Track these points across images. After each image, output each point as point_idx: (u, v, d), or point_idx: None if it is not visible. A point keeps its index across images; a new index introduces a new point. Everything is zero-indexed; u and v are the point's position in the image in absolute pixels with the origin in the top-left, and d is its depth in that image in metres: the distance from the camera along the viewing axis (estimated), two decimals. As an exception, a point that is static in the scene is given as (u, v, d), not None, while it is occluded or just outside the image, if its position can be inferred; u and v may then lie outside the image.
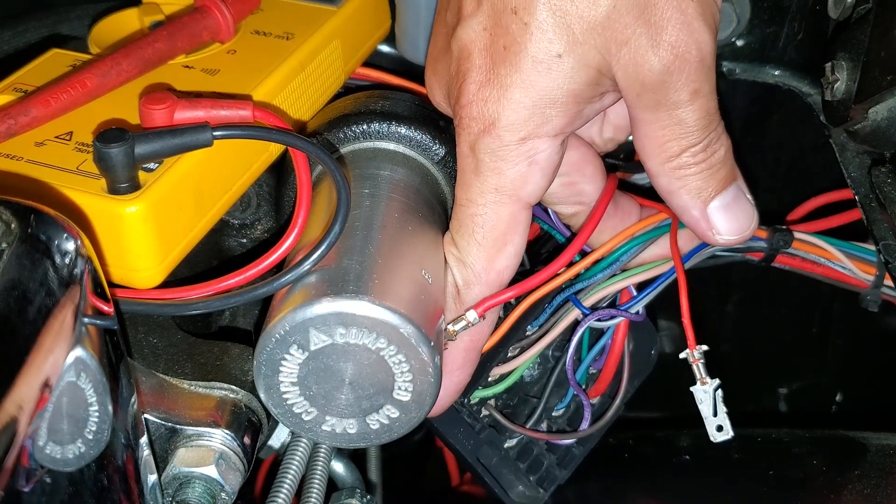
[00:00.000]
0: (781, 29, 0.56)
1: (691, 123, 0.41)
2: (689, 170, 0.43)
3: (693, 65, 0.40)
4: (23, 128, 0.42)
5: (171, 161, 0.40)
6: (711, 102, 0.42)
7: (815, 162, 0.62)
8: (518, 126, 0.42)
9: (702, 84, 0.41)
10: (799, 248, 0.50)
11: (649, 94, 0.41)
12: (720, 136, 0.43)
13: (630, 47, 0.40)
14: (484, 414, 0.48)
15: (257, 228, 0.54)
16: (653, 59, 0.40)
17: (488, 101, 0.42)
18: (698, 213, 0.44)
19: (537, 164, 0.42)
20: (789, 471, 0.52)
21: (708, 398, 0.47)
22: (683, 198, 0.44)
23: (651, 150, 0.43)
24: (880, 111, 0.47)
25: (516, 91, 0.41)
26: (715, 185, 0.43)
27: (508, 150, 0.42)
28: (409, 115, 0.48)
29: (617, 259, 0.48)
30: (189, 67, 0.47)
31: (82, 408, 0.31)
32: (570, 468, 0.51)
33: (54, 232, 0.31)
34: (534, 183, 0.43)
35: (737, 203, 0.44)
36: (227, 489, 0.40)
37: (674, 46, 0.40)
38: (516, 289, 0.45)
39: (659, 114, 0.41)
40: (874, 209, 0.49)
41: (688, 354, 0.47)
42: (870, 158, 0.50)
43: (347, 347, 0.39)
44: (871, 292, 0.51)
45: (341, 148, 0.48)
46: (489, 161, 0.43)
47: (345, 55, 0.52)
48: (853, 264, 0.50)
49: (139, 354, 0.43)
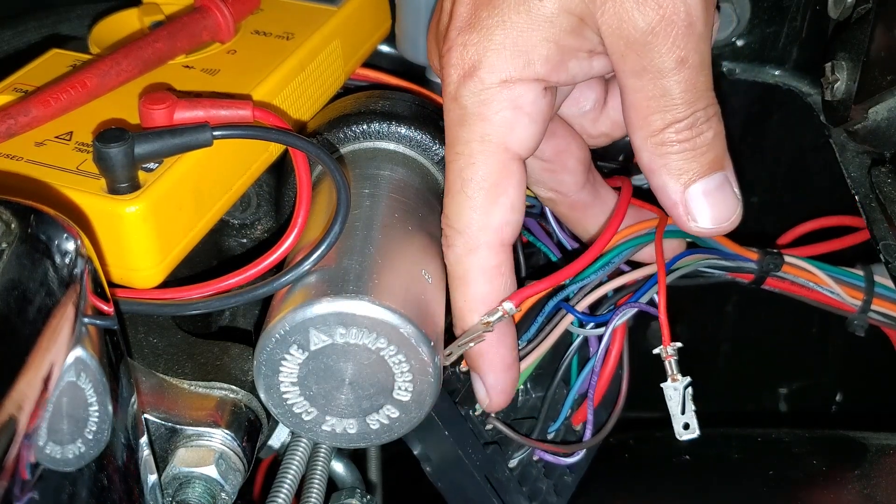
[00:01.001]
0: (781, 29, 0.56)
1: (676, 96, 0.40)
2: (671, 147, 0.41)
3: (680, 28, 0.39)
4: (23, 128, 0.42)
5: (170, 161, 0.40)
6: (700, 76, 0.40)
7: (815, 162, 0.62)
8: (499, 67, 0.40)
9: (689, 52, 0.39)
10: (788, 271, 0.50)
11: (633, 55, 0.39)
12: (710, 117, 0.41)
13: (614, 1, 0.39)
14: (487, 428, 0.47)
15: (257, 228, 0.54)
16: (636, 16, 0.39)
17: (468, 45, 0.41)
18: (676, 195, 0.42)
19: (522, 109, 0.41)
20: (789, 471, 0.52)
21: (678, 395, 0.47)
22: (663, 177, 0.41)
23: (635, 121, 0.41)
24: (880, 111, 0.47)
25: (497, 32, 0.40)
26: (698, 168, 0.41)
27: (491, 93, 0.41)
28: (409, 115, 0.48)
29: (609, 262, 0.48)
30: (189, 67, 0.47)
31: (82, 408, 0.31)
32: (564, 496, 0.50)
33: (54, 232, 0.31)
34: (521, 129, 0.41)
35: (720, 192, 0.42)
36: (227, 489, 0.40)
37: (660, 6, 0.38)
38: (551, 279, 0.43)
39: (643, 81, 0.40)
40: (874, 209, 0.49)
41: (661, 350, 0.47)
42: (870, 158, 0.50)
43: (347, 347, 0.39)
44: (858, 317, 0.51)
45: (341, 148, 0.48)
46: (472, 107, 0.41)
47: (345, 55, 0.52)
48: (841, 289, 0.50)
49: (139, 354, 0.43)
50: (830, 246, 0.53)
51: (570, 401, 0.49)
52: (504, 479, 0.47)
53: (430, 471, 0.46)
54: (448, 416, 0.44)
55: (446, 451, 0.45)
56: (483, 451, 0.46)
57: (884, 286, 0.51)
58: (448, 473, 0.45)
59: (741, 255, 0.49)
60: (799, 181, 0.64)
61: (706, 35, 0.40)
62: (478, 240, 0.42)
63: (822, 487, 0.50)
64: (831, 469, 0.52)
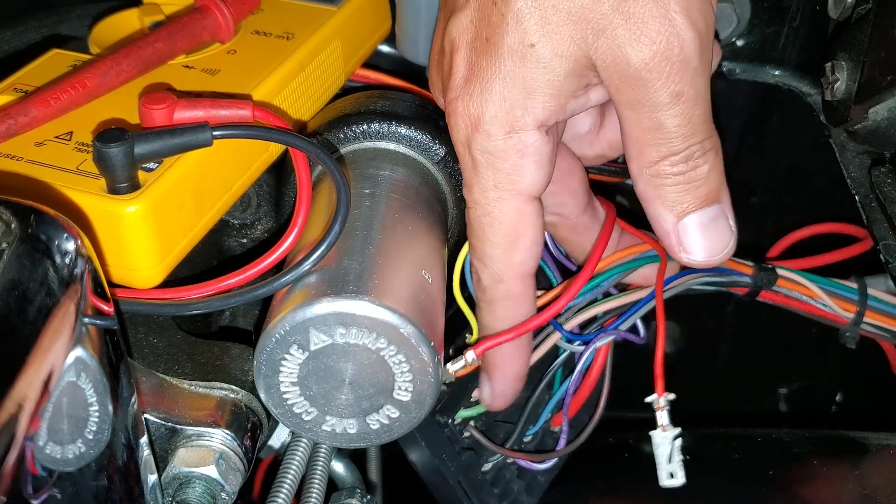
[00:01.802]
0: (781, 29, 0.56)
1: (671, 129, 0.40)
2: (666, 179, 0.41)
3: (675, 64, 0.39)
4: (23, 128, 0.42)
5: (170, 161, 0.40)
6: (697, 110, 0.40)
7: (815, 162, 0.62)
8: (501, 119, 0.41)
9: (685, 87, 0.39)
10: (782, 285, 0.51)
11: (628, 89, 0.40)
12: (707, 151, 0.41)
13: (607, 37, 0.39)
14: (465, 435, 0.49)
15: (257, 228, 0.54)
16: (630, 52, 0.39)
17: (472, 96, 0.42)
18: (670, 226, 0.42)
19: (528, 155, 0.42)
20: (789, 471, 0.52)
21: (666, 444, 0.48)
22: (658, 207, 0.42)
23: (632, 151, 0.42)
24: (880, 111, 0.47)
25: (496, 83, 0.41)
26: (692, 200, 0.42)
27: (497, 145, 0.42)
28: (410, 115, 0.48)
29: (598, 285, 0.48)
30: (189, 67, 0.47)
31: (82, 408, 0.31)
32: (536, 495, 0.51)
33: (54, 232, 0.31)
34: (530, 174, 0.42)
35: (714, 225, 0.42)
36: (227, 489, 0.40)
37: (653, 41, 0.38)
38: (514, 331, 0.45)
39: (639, 114, 0.40)
40: (874, 209, 0.49)
41: (654, 400, 0.48)
42: (870, 158, 0.50)
43: (347, 347, 0.39)
44: (851, 329, 0.52)
45: (341, 148, 0.48)
46: (482, 159, 0.43)
47: (345, 55, 0.52)
48: (833, 302, 0.51)
49: (139, 354, 0.43)
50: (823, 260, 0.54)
51: (551, 407, 0.50)
52: (478, 481, 0.48)
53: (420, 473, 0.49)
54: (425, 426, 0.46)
55: (425, 457, 0.47)
56: (458, 457, 0.48)
57: (877, 298, 0.51)
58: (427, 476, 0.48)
59: (736, 271, 0.50)
60: (799, 181, 0.64)
61: (703, 69, 0.40)
62: (503, 274, 0.44)
63: (822, 487, 0.50)
64: (831, 469, 0.52)
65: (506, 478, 0.50)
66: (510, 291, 0.45)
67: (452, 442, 0.47)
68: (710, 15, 0.40)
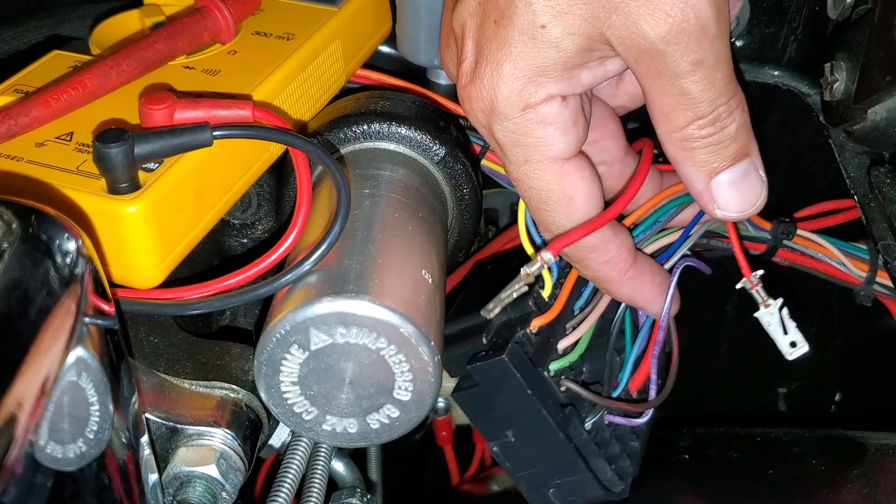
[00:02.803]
0: (781, 29, 0.56)
1: (696, 94, 0.40)
2: (695, 142, 0.41)
3: (693, 34, 0.39)
4: (23, 128, 0.42)
5: (171, 161, 0.40)
6: (719, 73, 0.40)
7: (814, 162, 0.62)
8: (514, 99, 0.41)
9: (705, 54, 0.39)
10: (799, 243, 0.51)
11: (648, 62, 0.40)
12: (733, 110, 0.41)
13: (620, 14, 0.39)
14: (562, 389, 0.46)
15: (258, 228, 0.54)
16: (646, 28, 0.39)
17: (483, 79, 0.42)
18: (702, 185, 0.43)
19: (550, 125, 0.42)
20: (789, 471, 0.52)
21: (775, 319, 0.48)
22: (689, 168, 0.43)
23: (658, 117, 0.42)
24: (879, 111, 0.47)
25: (506, 64, 0.41)
26: (722, 160, 0.42)
27: (516, 123, 0.42)
28: (410, 115, 0.48)
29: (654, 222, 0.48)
30: (189, 68, 0.47)
31: (83, 407, 0.31)
32: (636, 462, 0.49)
33: (55, 232, 0.31)
34: (557, 140, 0.42)
35: (745, 180, 0.43)
36: (227, 488, 0.40)
37: (669, 15, 0.38)
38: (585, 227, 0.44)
39: (662, 83, 0.40)
40: (873, 209, 0.49)
41: (745, 283, 0.48)
42: (869, 158, 0.51)
43: (348, 347, 0.39)
44: (865, 287, 0.52)
45: (342, 148, 0.48)
46: (506, 139, 0.43)
47: (345, 56, 0.52)
48: (849, 261, 0.51)
49: (140, 354, 0.43)
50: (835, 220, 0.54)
51: (630, 364, 0.49)
52: (583, 442, 0.46)
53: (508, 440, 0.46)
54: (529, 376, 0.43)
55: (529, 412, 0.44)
56: (562, 411, 0.46)
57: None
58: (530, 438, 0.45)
59: (755, 224, 0.50)
60: (798, 181, 0.64)
61: (721, 35, 0.40)
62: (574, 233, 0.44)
63: (822, 487, 0.50)
64: (831, 469, 0.52)
65: (607, 439, 0.48)
66: (590, 245, 0.44)
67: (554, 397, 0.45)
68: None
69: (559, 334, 0.47)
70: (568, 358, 0.47)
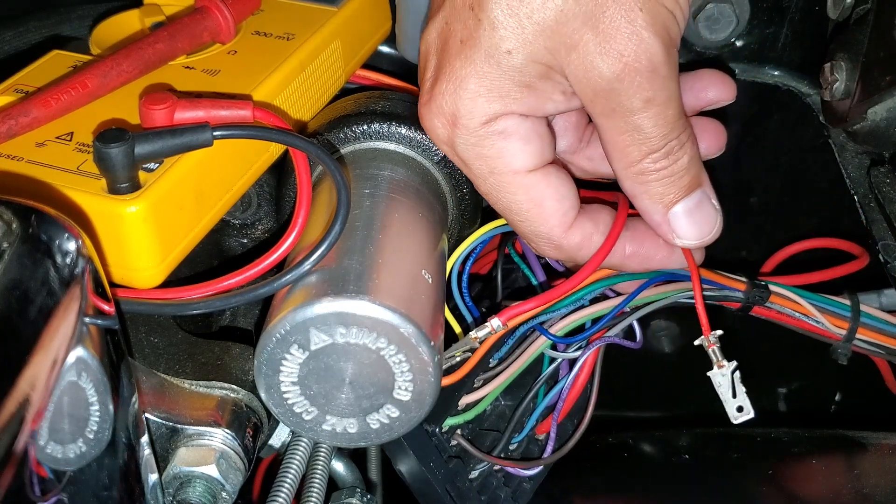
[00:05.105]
0: (781, 29, 0.56)
1: (648, 130, 0.42)
2: (650, 175, 0.43)
3: (644, 74, 0.40)
4: (23, 128, 0.42)
5: (171, 161, 0.40)
6: (670, 110, 0.42)
7: (814, 162, 0.62)
8: (477, 113, 0.42)
9: (655, 92, 0.41)
10: (775, 301, 0.51)
11: (602, 100, 0.41)
12: (684, 143, 0.43)
13: (579, 52, 0.40)
14: (452, 443, 0.49)
15: (258, 228, 0.54)
16: (601, 66, 0.40)
17: (445, 94, 0.42)
18: (659, 217, 0.45)
19: (511, 135, 0.43)
20: (789, 471, 0.52)
21: (726, 381, 0.48)
22: (646, 201, 0.44)
23: (613, 154, 0.43)
24: (879, 111, 0.47)
25: (471, 81, 0.42)
26: (677, 191, 0.44)
27: (478, 135, 0.43)
28: (410, 115, 0.48)
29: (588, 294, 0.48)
30: (190, 68, 0.47)
31: (83, 407, 0.31)
32: (522, 502, 0.51)
33: (55, 232, 0.31)
34: (519, 152, 0.43)
35: (699, 209, 0.45)
36: (227, 488, 0.40)
37: (622, 55, 0.40)
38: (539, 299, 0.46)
39: (615, 120, 0.42)
40: (873, 209, 0.49)
41: (703, 341, 0.48)
42: (869, 158, 0.51)
43: (348, 347, 0.39)
44: (842, 345, 0.52)
45: (342, 148, 0.48)
46: (469, 153, 0.43)
47: (345, 56, 0.52)
48: (825, 318, 0.51)
49: (140, 354, 0.43)
50: (816, 277, 0.54)
51: (536, 415, 0.50)
52: (465, 489, 0.48)
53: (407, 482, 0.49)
54: (413, 434, 0.45)
55: (412, 465, 0.47)
56: (446, 465, 0.48)
57: (870, 315, 0.51)
58: (416, 485, 0.48)
59: (728, 286, 0.50)
60: (798, 181, 0.64)
61: (671, 75, 0.42)
62: (556, 239, 0.45)
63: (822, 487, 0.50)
64: (831, 468, 0.52)
65: (492, 485, 0.50)
66: (574, 244, 0.45)
67: (440, 450, 0.48)
68: (674, 27, 0.41)
69: (466, 388, 0.48)
70: (463, 417, 0.48)
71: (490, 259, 0.55)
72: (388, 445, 0.46)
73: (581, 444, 0.50)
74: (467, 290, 0.49)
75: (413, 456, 0.46)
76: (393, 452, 0.47)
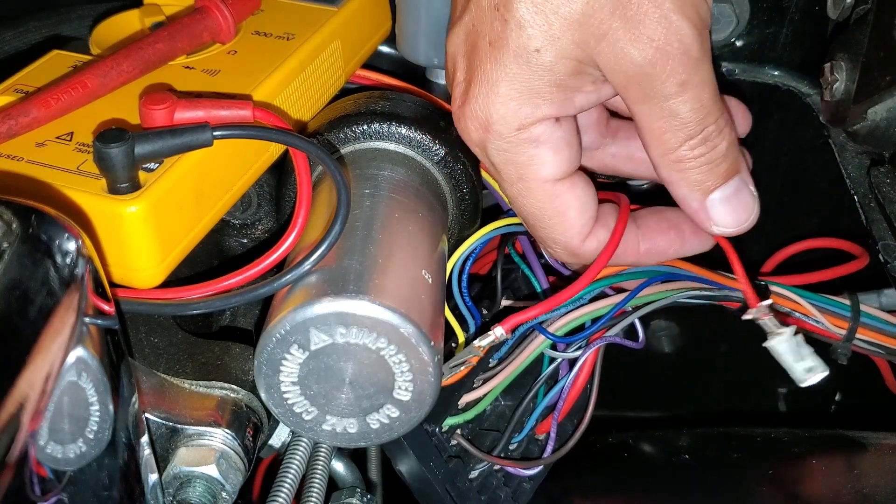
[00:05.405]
0: (781, 29, 0.56)
1: (685, 115, 0.42)
2: (688, 163, 0.43)
3: (677, 57, 0.40)
4: (23, 128, 0.42)
5: (171, 161, 0.40)
6: (705, 93, 0.42)
7: (814, 162, 0.62)
8: (509, 118, 0.42)
9: (690, 75, 0.41)
10: (774, 301, 0.51)
11: (636, 86, 0.41)
12: (722, 128, 0.43)
13: (608, 41, 0.40)
14: (452, 443, 0.49)
15: (258, 228, 0.54)
16: (633, 53, 0.40)
17: (478, 98, 0.43)
18: (697, 204, 0.44)
19: (542, 144, 0.43)
20: (789, 471, 0.52)
21: (789, 346, 0.48)
22: (683, 189, 0.44)
23: (650, 141, 0.43)
24: (879, 111, 0.47)
25: (502, 85, 0.42)
26: (714, 178, 0.44)
27: (510, 142, 0.43)
28: (410, 115, 0.48)
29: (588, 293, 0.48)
30: (190, 68, 0.47)
31: (83, 407, 0.31)
32: (522, 501, 0.52)
33: (55, 232, 0.31)
34: (549, 160, 0.43)
35: (737, 196, 0.44)
36: (227, 488, 0.40)
37: (652, 40, 0.40)
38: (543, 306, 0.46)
39: (651, 106, 0.42)
40: (873, 209, 0.49)
41: (753, 313, 0.48)
42: (869, 158, 0.51)
43: (348, 347, 0.39)
44: (842, 345, 0.52)
45: (342, 148, 0.48)
46: (500, 158, 0.44)
47: (345, 56, 0.52)
48: (825, 318, 0.51)
49: (140, 354, 0.43)
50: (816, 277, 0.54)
51: (536, 415, 0.50)
52: (465, 489, 0.48)
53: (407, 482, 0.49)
54: (412, 434, 0.46)
55: (412, 466, 0.47)
56: (445, 465, 0.48)
57: (870, 315, 0.51)
58: (415, 485, 0.48)
59: (728, 286, 0.50)
60: (798, 181, 0.64)
61: (704, 57, 0.41)
62: (573, 249, 0.45)
63: (822, 487, 0.50)
64: (831, 468, 0.52)
65: (492, 485, 0.50)
66: (590, 252, 0.45)
67: (440, 450, 0.48)
68: (703, 7, 0.41)
69: (465, 388, 0.48)
70: (463, 416, 0.48)
71: (490, 259, 0.55)
72: (388, 445, 0.46)
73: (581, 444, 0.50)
74: (467, 291, 0.49)
75: (413, 456, 0.47)
76: (393, 452, 0.47)
